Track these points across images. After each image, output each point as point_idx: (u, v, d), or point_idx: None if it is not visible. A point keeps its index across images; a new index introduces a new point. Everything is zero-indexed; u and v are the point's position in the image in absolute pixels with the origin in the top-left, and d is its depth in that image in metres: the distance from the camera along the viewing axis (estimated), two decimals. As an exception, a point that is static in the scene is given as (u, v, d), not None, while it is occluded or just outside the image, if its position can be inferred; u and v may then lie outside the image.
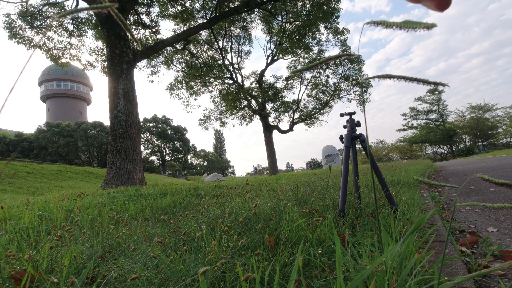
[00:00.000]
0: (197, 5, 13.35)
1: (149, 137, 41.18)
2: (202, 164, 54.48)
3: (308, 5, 13.45)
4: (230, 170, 65.78)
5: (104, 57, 12.50)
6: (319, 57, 18.60)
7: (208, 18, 13.31)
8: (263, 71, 19.86)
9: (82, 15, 11.69)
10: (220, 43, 17.35)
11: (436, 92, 34.48)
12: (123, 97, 8.03)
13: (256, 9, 14.44)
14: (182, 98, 18.44)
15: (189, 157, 47.81)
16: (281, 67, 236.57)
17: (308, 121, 21.18)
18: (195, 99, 21.44)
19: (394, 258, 1.00)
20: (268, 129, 19.89)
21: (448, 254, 1.41)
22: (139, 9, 11.82)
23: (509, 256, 1.45)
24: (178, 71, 17.25)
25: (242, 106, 19.88)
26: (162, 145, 42.10)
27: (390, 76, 0.50)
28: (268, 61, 19.52)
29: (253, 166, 50.38)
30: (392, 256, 0.96)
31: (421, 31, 0.43)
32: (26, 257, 1.08)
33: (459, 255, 1.43)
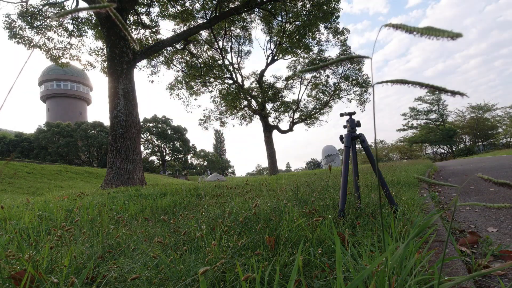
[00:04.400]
0: (197, 5, 13.34)
1: (149, 137, 41.18)
2: (202, 164, 54.48)
3: (308, 5, 13.44)
4: (230, 170, 65.80)
5: (104, 57, 12.49)
6: (319, 57, 18.58)
7: (208, 18, 13.30)
8: (263, 71, 19.84)
9: (82, 15, 11.68)
10: (220, 43, 17.35)
11: (436, 93, 34.42)
12: (123, 97, 8.03)
13: (256, 9, 14.43)
14: (182, 98, 18.44)
15: (189, 157, 47.83)
16: (281, 67, 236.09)
17: (308, 121, 21.18)
18: (195, 99, 21.47)
19: (395, 259, 0.99)
20: (268, 129, 19.88)
21: (448, 254, 1.40)
22: (139, 9, 11.82)
23: (509, 256, 1.45)
24: (178, 71, 17.25)
25: (242, 106, 19.88)
26: (162, 145, 42.10)
27: (404, 82, 0.46)
28: (268, 61, 19.50)
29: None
30: (393, 258, 0.96)
31: (443, 40, 0.38)
32: (26, 257, 1.08)
33: (459, 255, 1.43)
